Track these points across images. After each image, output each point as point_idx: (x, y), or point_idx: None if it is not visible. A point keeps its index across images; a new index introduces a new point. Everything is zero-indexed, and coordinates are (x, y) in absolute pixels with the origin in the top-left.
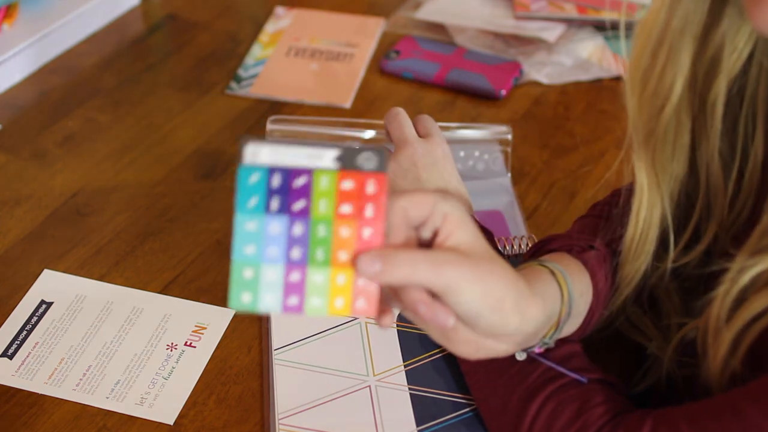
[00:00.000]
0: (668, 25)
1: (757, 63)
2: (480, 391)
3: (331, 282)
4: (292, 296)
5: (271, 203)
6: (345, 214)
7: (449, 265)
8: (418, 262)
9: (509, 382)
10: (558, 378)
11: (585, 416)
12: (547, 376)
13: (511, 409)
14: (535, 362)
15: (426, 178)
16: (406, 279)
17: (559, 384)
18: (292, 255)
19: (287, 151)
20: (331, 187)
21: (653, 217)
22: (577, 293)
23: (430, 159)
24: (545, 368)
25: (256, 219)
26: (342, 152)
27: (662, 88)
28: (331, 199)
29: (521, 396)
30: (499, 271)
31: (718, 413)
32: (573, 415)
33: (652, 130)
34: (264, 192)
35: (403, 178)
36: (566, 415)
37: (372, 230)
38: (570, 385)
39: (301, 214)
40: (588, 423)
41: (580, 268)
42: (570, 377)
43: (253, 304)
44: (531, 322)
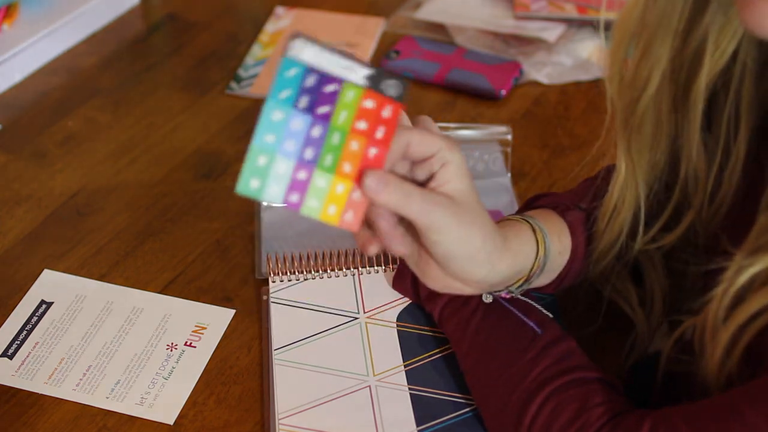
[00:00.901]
0: (644, 19)
1: (741, 61)
2: (479, 391)
3: (331, 189)
4: (294, 193)
5: (300, 100)
6: (359, 130)
7: (438, 207)
8: (412, 195)
9: (508, 382)
10: (557, 378)
11: (584, 416)
12: (546, 376)
13: (511, 409)
14: (533, 361)
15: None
16: (396, 206)
17: (559, 384)
18: (305, 154)
19: (328, 57)
20: (354, 102)
21: (626, 198)
22: (555, 251)
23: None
24: (544, 367)
25: (284, 111)
26: (373, 73)
27: (638, 80)
28: (351, 112)
29: (520, 396)
30: (480, 224)
31: (717, 414)
32: (572, 415)
33: (628, 118)
34: (297, 88)
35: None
36: (566, 415)
37: (377, 151)
38: (569, 385)
39: (323, 118)
40: (587, 423)
41: (562, 227)
42: (568, 377)
43: (259, 192)
44: (498, 275)
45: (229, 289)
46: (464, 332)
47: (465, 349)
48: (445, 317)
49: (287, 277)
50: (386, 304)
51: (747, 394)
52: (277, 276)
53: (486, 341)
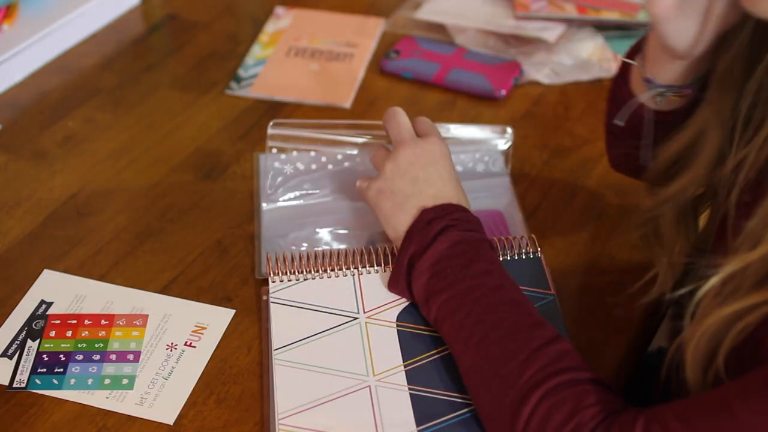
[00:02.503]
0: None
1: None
2: (475, 391)
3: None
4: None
5: None
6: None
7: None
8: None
9: (503, 384)
10: (550, 379)
11: (578, 417)
12: (540, 377)
13: (506, 410)
14: (526, 362)
15: (424, 178)
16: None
17: (552, 385)
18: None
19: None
20: None
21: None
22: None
23: (428, 158)
24: (537, 369)
25: None
26: None
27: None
28: None
29: (514, 398)
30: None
31: (709, 411)
32: (566, 415)
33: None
34: None
35: (401, 177)
36: (560, 416)
37: None
38: (563, 386)
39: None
40: (581, 423)
41: None
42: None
43: None
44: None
45: (229, 289)
46: (458, 334)
47: (459, 351)
48: (440, 319)
49: (287, 277)
50: (386, 304)
51: (739, 389)
52: (276, 276)
53: (480, 343)
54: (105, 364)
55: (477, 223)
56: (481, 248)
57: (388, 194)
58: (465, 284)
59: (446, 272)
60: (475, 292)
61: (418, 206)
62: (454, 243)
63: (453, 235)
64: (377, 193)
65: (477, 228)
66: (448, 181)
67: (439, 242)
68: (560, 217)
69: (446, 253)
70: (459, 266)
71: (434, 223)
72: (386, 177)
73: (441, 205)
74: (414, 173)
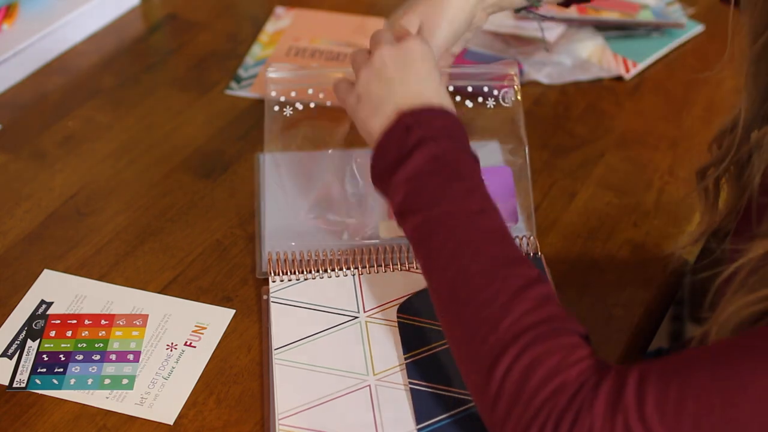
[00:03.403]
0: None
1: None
2: (451, 330)
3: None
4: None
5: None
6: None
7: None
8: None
9: (480, 327)
10: (533, 328)
11: (564, 373)
12: (522, 325)
13: (483, 358)
14: (507, 305)
15: (399, 79)
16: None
17: (535, 334)
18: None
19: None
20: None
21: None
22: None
23: (405, 59)
24: (520, 314)
25: None
26: None
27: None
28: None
29: (493, 345)
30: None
31: (708, 363)
32: (550, 371)
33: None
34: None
35: (376, 80)
36: (542, 371)
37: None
38: (547, 336)
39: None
40: (567, 381)
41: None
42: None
43: None
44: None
45: (229, 289)
46: (434, 263)
47: (435, 284)
48: (416, 242)
49: (287, 277)
50: (386, 303)
51: (741, 343)
52: (277, 275)
53: (457, 277)
54: (105, 364)
55: (459, 130)
56: (462, 162)
57: (365, 100)
58: (442, 207)
59: (423, 190)
60: (452, 217)
61: (394, 109)
62: (434, 157)
63: (432, 148)
64: (355, 101)
65: (459, 137)
66: (427, 80)
67: (417, 156)
68: (560, 217)
69: (425, 168)
70: (437, 185)
71: (413, 131)
72: (361, 82)
73: (420, 109)
74: (389, 75)
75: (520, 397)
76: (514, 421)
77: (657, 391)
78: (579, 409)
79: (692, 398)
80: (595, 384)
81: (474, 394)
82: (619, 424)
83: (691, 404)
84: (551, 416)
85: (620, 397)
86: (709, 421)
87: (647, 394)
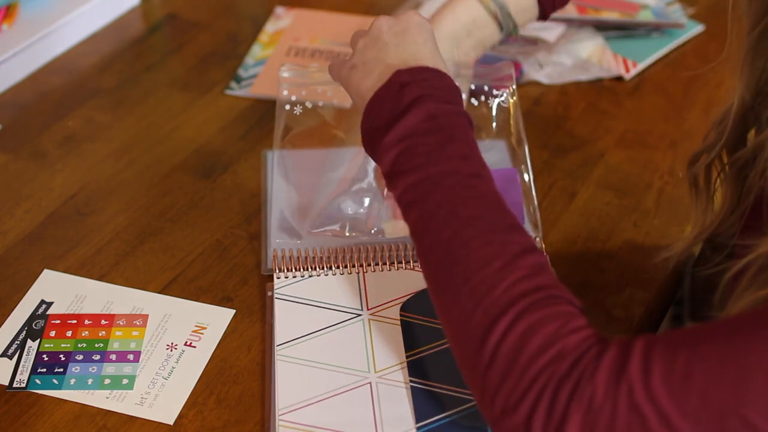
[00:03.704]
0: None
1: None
2: (442, 297)
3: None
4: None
5: None
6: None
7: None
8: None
9: (474, 292)
10: (529, 294)
11: (561, 342)
12: (517, 291)
13: (476, 324)
14: (502, 271)
15: (395, 43)
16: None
17: (531, 301)
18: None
19: None
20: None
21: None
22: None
23: (402, 26)
24: (515, 280)
25: None
26: None
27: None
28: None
29: (487, 310)
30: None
31: (719, 335)
32: (547, 340)
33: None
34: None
35: (372, 46)
36: (538, 339)
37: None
38: (543, 303)
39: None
40: (564, 351)
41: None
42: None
43: None
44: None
45: (229, 289)
46: (427, 225)
47: (426, 246)
48: (408, 203)
49: (292, 274)
50: (390, 301)
51: (754, 315)
52: (282, 272)
53: (451, 240)
54: (105, 364)
55: (455, 92)
56: (458, 125)
57: (359, 66)
58: (438, 168)
59: (417, 150)
60: (449, 178)
61: (388, 68)
62: (429, 116)
63: (428, 107)
64: (349, 69)
65: (455, 99)
66: (423, 45)
67: (412, 114)
68: (560, 217)
69: (420, 128)
70: (433, 144)
71: (408, 88)
72: (357, 51)
73: (416, 68)
74: (385, 40)
75: (515, 365)
76: (507, 391)
77: (664, 362)
78: (579, 378)
79: (701, 371)
80: (598, 353)
81: (463, 365)
82: (622, 394)
83: (700, 377)
84: (549, 385)
85: (625, 367)
86: (717, 395)
87: (653, 364)
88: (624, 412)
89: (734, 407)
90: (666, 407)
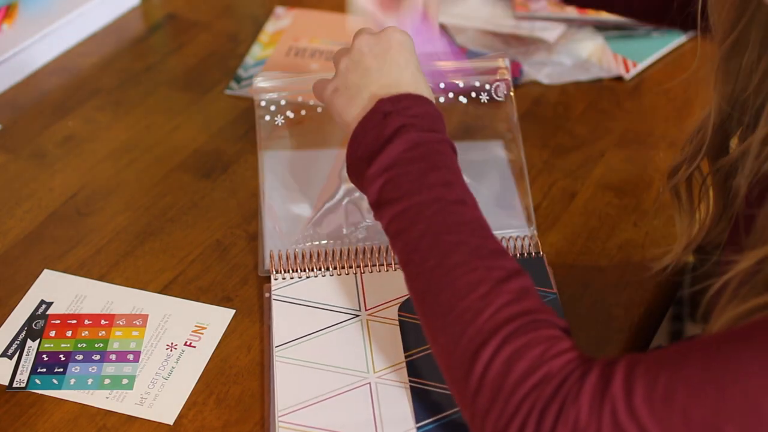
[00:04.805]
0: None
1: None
2: (429, 324)
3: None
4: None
5: None
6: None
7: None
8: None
9: (459, 319)
10: (513, 320)
11: (546, 366)
12: (502, 316)
13: (463, 350)
14: (486, 297)
15: (377, 67)
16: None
17: (516, 326)
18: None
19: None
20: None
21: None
22: None
23: (382, 46)
24: (499, 306)
25: None
26: None
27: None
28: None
29: (473, 337)
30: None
31: (700, 354)
32: (533, 363)
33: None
34: None
35: (354, 70)
36: (524, 362)
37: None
38: (527, 328)
39: None
40: (549, 374)
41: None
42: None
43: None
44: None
45: (229, 289)
46: (412, 254)
47: (412, 274)
48: (393, 233)
49: (289, 275)
50: (388, 301)
51: (735, 334)
52: (279, 273)
53: (436, 268)
54: (105, 364)
55: (437, 119)
56: (441, 153)
57: (342, 90)
58: (421, 197)
59: (401, 179)
60: (432, 206)
61: (371, 97)
62: (412, 145)
63: (411, 136)
64: (332, 91)
65: (437, 127)
66: (405, 68)
67: (395, 144)
68: (560, 217)
69: (403, 157)
70: (416, 173)
71: (391, 118)
72: (340, 73)
73: (398, 96)
74: (366, 64)
75: (501, 391)
76: (495, 415)
77: (646, 381)
78: (564, 401)
79: (682, 389)
80: (581, 375)
81: (453, 389)
82: (606, 414)
83: (681, 395)
84: (535, 409)
85: (607, 388)
86: (699, 413)
87: (636, 384)
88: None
89: (714, 424)
90: (648, 426)
